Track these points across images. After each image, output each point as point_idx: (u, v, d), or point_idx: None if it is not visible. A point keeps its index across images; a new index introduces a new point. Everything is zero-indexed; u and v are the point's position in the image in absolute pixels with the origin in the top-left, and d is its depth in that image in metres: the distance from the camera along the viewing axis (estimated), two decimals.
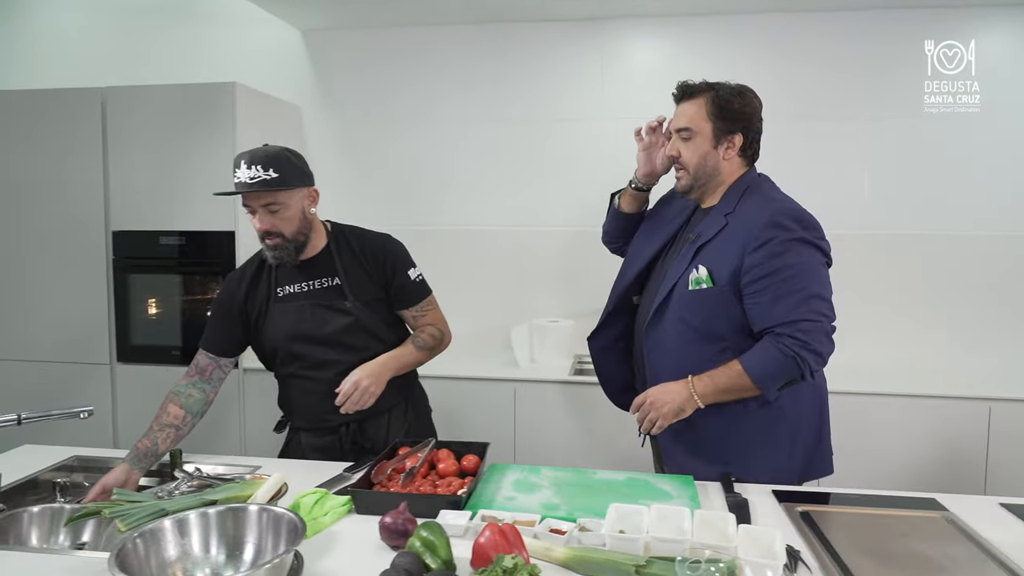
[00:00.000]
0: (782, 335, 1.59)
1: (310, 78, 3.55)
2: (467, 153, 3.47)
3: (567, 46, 3.36)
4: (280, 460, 1.90)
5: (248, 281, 1.92)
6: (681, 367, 1.70)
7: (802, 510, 1.52)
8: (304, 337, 1.87)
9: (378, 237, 2.01)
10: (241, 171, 1.74)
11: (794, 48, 3.22)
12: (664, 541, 1.25)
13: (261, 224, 1.79)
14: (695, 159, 1.74)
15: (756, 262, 1.61)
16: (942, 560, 1.31)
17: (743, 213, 1.68)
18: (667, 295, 1.73)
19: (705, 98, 1.73)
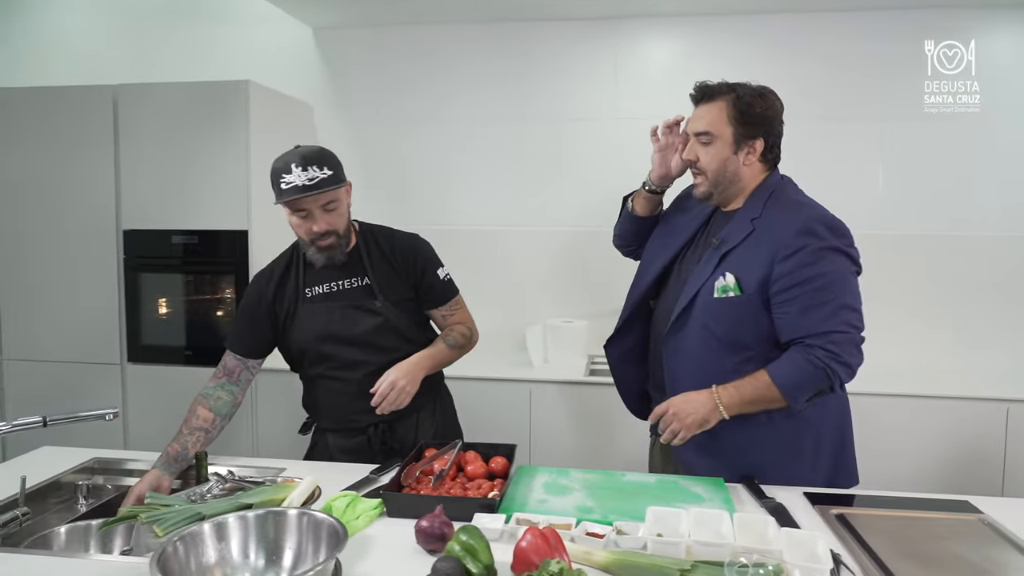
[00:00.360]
0: (812, 346, 1.55)
1: (322, 76, 3.54)
2: (477, 152, 3.46)
3: (580, 45, 3.35)
4: (305, 462, 1.88)
5: (276, 281, 1.90)
6: (702, 375, 1.64)
7: (836, 512, 1.51)
8: (334, 338, 1.86)
9: (407, 237, 2.00)
10: (295, 175, 1.72)
11: (807, 48, 3.20)
12: (706, 545, 1.24)
13: (320, 225, 1.77)
14: (714, 165, 1.67)
15: (786, 271, 1.56)
16: (984, 563, 1.30)
17: (771, 218, 1.63)
18: (689, 301, 1.67)
19: (726, 100, 1.66)
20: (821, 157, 3.21)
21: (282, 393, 3.05)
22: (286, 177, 1.73)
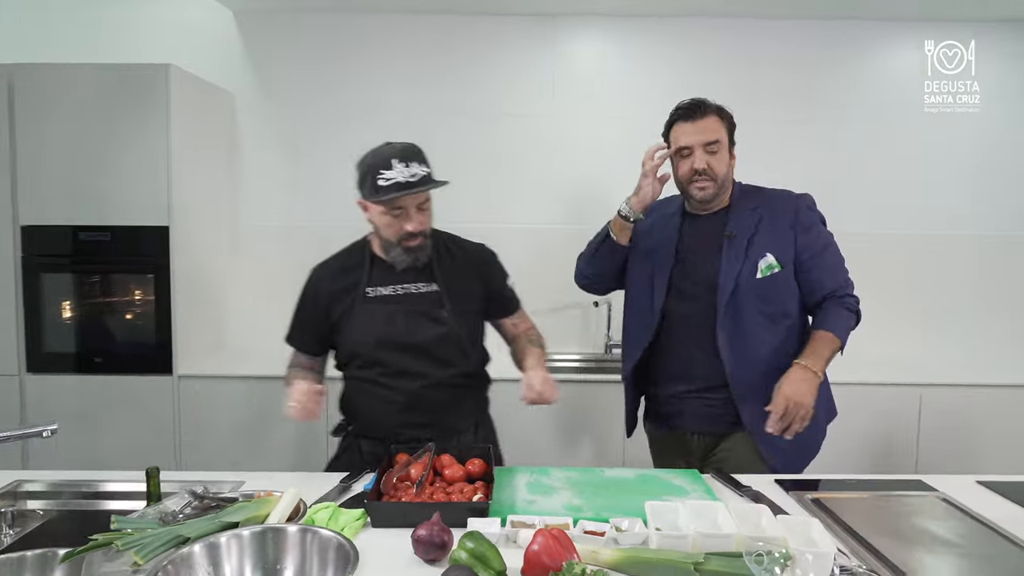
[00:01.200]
0: (843, 296, 1.84)
1: (243, 63, 3.33)
2: None
3: (517, 41, 3.33)
4: (263, 473, 1.74)
5: (338, 276, 1.80)
6: (757, 353, 1.82)
7: (811, 497, 1.57)
8: (391, 343, 1.75)
9: (478, 246, 1.94)
10: (396, 170, 1.62)
11: (739, 50, 3.33)
12: (711, 537, 1.25)
13: (413, 224, 1.69)
14: (723, 169, 1.85)
15: (809, 241, 1.84)
16: (954, 538, 1.39)
17: (768, 204, 1.89)
18: (731, 292, 1.82)
19: (718, 114, 1.86)
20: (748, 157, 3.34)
21: (206, 400, 2.86)
22: (385, 173, 1.62)
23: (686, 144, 1.84)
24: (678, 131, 1.86)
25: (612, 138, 3.31)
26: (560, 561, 1.16)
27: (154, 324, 2.84)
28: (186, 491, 1.31)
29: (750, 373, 1.82)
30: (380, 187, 1.63)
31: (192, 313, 2.96)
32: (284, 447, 2.87)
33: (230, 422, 2.88)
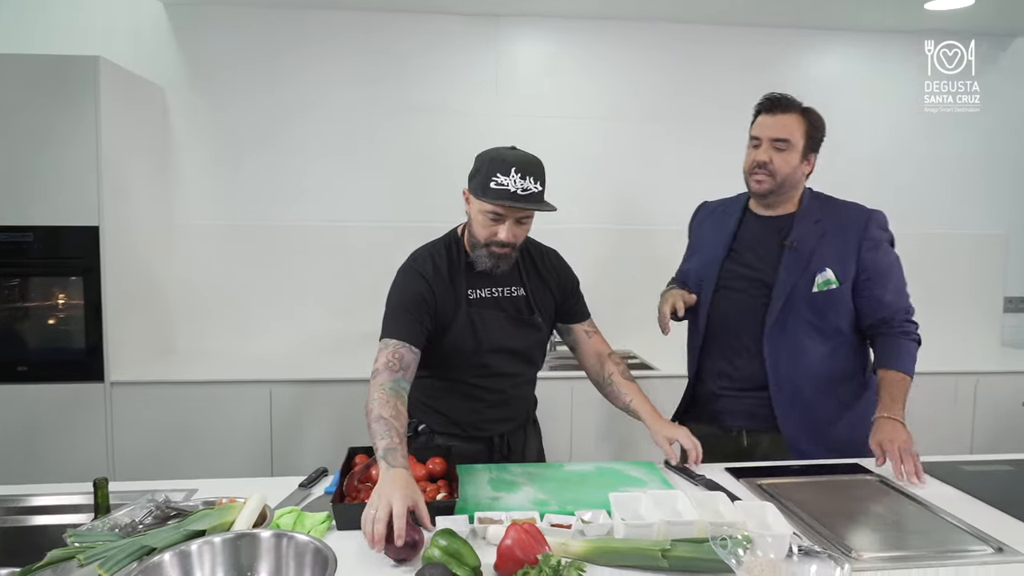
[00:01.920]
0: (903, 322, 1.83)
1: (174, 57, 3.20)
2: (353, 145, 3.32)
3: (460, 39, 3.33)
4: (218, 480, 1.69)
5: (444, 275, 1.76)
6: (804, 364, 1.85)
7: (760, 483, 1.64)
8: (499, 348, 1.78)
9: (552, 250, 1.95)
10: (511, 179, 1.60)
11: (680, 54, 3.44)
12: (675, 524, 1.30)
13: (507, 235, 1.66)
14: (786, 169, 1.84)
15: (872, 260, 1.83)
16: (889, 514, 1.49)
17: (835, 217, 1.87)
18: (785, 301, 1.83)
19: (800, 115, 1.84)
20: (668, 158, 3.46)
21: (140, 406, 2.75)
22: (501, 178, 1.60)
23: (756, 135, 1.87)
24: (757, 121, 1.89)
25: (555, 137, 3.37)
26: (532, 554, 1.18)
27: (83, 329, 2.70)
28: (146, 500, 1.26)
29: (793, 382, 1.86)
30: (490, 189, 1.62)
31: (126, 317, 2.83)
32: (229, 453, 2.79)
33: (168, 429, 2.77)
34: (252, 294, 3.30)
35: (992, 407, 3.12)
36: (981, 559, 1.29)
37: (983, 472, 1.76)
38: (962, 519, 1.45)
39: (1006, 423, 3.11)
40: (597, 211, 3.43)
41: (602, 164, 3.43)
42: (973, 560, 1.28)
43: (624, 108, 3.44)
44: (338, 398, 2.86)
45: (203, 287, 3.26)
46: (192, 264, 3.25)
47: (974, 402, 3.11)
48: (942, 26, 3.43)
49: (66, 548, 1.04)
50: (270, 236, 3.31)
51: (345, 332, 3.35)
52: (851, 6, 3.19)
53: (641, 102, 3.45)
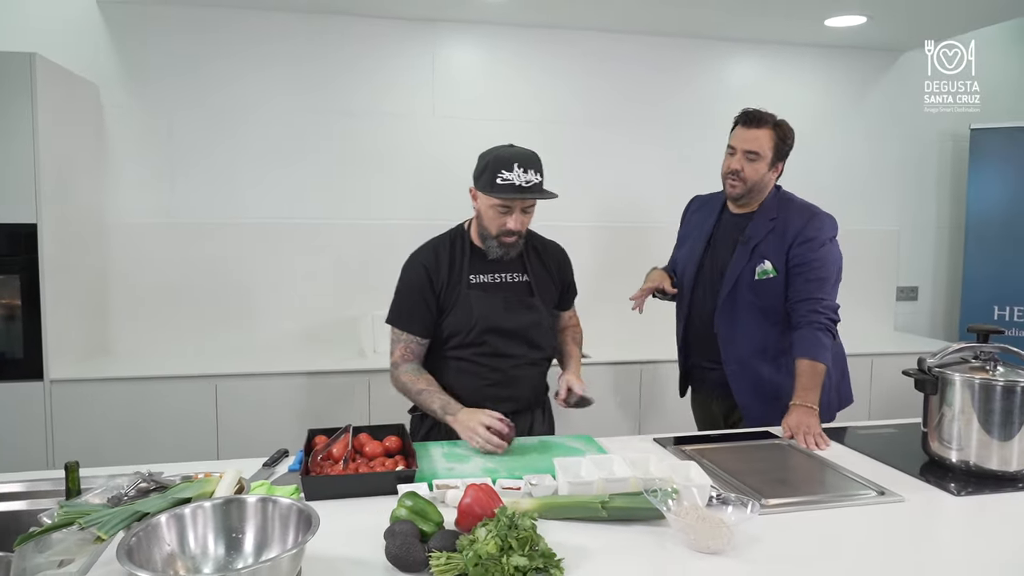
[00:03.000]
0: (816, 312, 2.04)
1: (108, 54, 3.18)
2: (292, 146, 3.38)
3: (398, 44, 3.44)
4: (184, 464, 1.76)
5: (445, 263, 1.94)
6: (749, 339, 2.16)
7: (684, 449, 1.85)
8: (496, 328, 1.93)
9: (555, 243, 2.15)
10: (515, 173, 1.80)
11: (615, 62, 3.66)
12: (612, 481, 1.47)
13: (515, 224, 1.86)
14: (755, 177, 2.12)
15: (799, 253, 2.09)
16: (800, 473, 1.73)
17: (786, 217, 2.14)
18: (732, 286, 2.14)
19: (771, 130, 2.10)
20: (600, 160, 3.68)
21: (79, 405, 2.74)
22: (505, 173, 1.80)
23: (732, 144, 2.14)
24: (734, 132, 2.15)
25: (492, 140, 3.50)
26: (489, 509, 1.32)
27: (21, 327, 2.68)
28: (135, 473, 1.35)
29: (740, 354, 2.17)
30: (497, 184, 1.81)
31: (64, 315, 2.82)
32: (174, 448, 2.81)
33: (110, 427, 2.78)
34: (194, 292, 3.31)
35: (886, 383, 3.47)
36: (866, 501, 1.53)
37: (872, 435, 2.03)
38: (852, 471, 1.69)
39: (898, 396, 3.47)
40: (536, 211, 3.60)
41: None
42: (860, 502, 1.52)
43: (559, 111, 3.62)
44: (286, 391, 2.93)
45: (142, 285, 3.26)
46: (130, 262, 3.24)
47: (871, 379, 3.46)
48: (841, 41, 3.77)
49: (65, 514, 1.12)
50: (206, 234, 3.32)
51: (288, 327, 3.41)
52: (763, 21, 3.48)
53: (575, 106, 3.64)
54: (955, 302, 4.17)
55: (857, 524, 1.42)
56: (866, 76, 3.96)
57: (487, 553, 1.15)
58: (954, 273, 4.19)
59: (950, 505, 1.55)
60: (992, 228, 3.88)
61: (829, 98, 3.93)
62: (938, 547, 1.41)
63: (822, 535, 1.37)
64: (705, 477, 1.48)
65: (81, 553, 1.22)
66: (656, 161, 3.75)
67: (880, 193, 4.06)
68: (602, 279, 3.70)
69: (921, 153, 4.10)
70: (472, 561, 1.15)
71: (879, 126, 3.98)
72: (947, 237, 4.20)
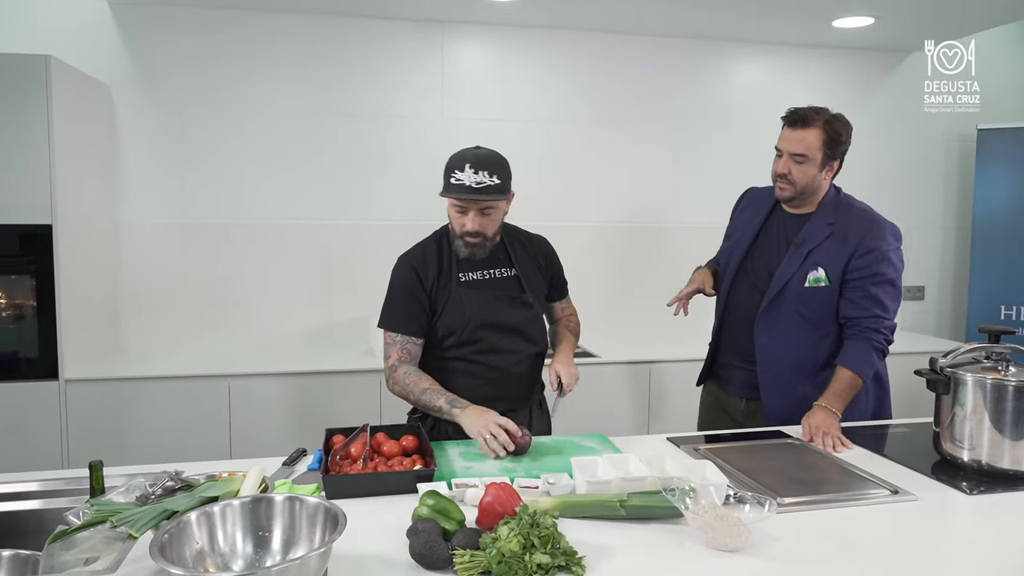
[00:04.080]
0: (871, 329, 1.99)
1: (121, 56, 3.21)
2: (302, 147, 3.41)
3: (406, 45, 3.45)
4: (200, 462, 1.78)
5: (433, 263, 1.95)
6: (790, 348, 2.08)
7: (698, 448, 1.86)
8: (489, 324, 1.94)
9: (541, 237, 2.16)
10: (466, 174, 1.81)
11: (627, 63, 3.68)
12: (629, 480, 1.49)
13: (471, 225, 1.87)
14: (804, 180, 2.03)
15: (860, 266, 2.01)
16: (814, 472, 1.73)
17: (846, 223, 2.04)
18: (779, 291, 2.06)
19: (819, 129, 1.99)
20: (611, 160, 3.70)
21: (93, 404, 2.77)
22: (457, 174, 1.82)
23: (779, 147, 2.06)
24: (781, 134, 2.06)
25: (501, 140, 3.51)
26: (510, 508, 1.34)
27: (36, 328, 2.70)
28: (163, 472, 1.37)
29: (777, 365, 2.09)
30: (450, 184, 1.84)
31: (79, 315, 2.84)
32: (187, 449, 2.84)
33: (125, 426, 2.80)
34: (205, 292, 3.34)
35: (895, 382, 3.46)
36: (880, 500, 1.54)
37: (884, 434, 2.04)
38: (865, 470, 1.71)
39: (904, 395, 3.47)
40: (542, 212, 3.61)
41: (546, 165, 3.62)
42: (874, 501, 1.54)
43: (566, 112, 3.64)
44: (297, 391, 2.95)
45: (156, 285, 3.28)
46: (144, 262, 3.27)
47: None
48: (847, 42, 3.79)
49: (97, 512, 1.14)
50: (219, 234, 3.35)
51: (297, 327, 3.43)
52: (771, 22, 3.49)
53: (582, 106, 3.66)
54: (962, 302, 4.18)
55: (872, 523, 1.44)
56: (872, 77, 3.97)
57: (510, 551, 1.17)
58: (961, 273, 4.20)
59: (963, 504, 1.57)
60: (999, 228, 3.89)
61: (835, 99, 3.89)
62: (952, 546, 1.42)
63: (838, 533, 1.39)
64: (721, 476, 1.50)
65: (107, 551, 1.24)
66: (663, 161, 3.77)
67: (886, 193, 4.04)
68: (610, 279, 3.73)
69: (927, 153, 4.11)
70: (496, 559, 1.16)
71: (885, 126, 3.99)
72: (954, 237, 4.21)
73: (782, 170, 2.05)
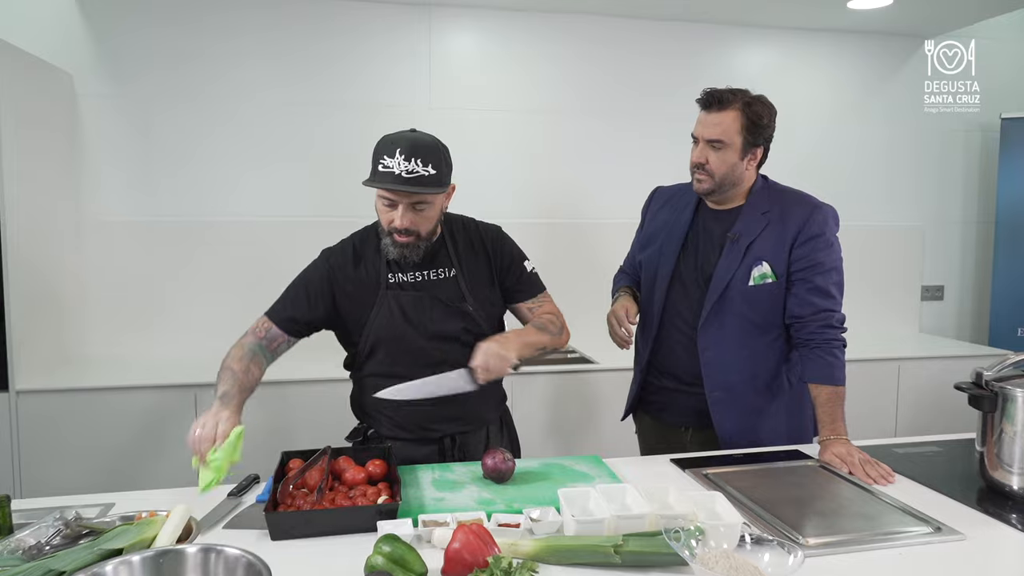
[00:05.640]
0: (823, 328, 1.76)
1: (85, 42, 2.98)
2: (280, 140, 3.18)
3: (392, 31, 3.23)
4: (138, 492, 1.56)
5: (352, 261, 1.71)
6: (739, 360, 1.83)
7: (706, 473, 1.64)
8: (421, 332, 1.68)
9: (492, 228, 1.85)
10: (396, 161, 1.55)
11: (619, 47, 3.44)
12: (626, 518, 1.27)
13: (400, 222, 1.60)
14: (723, 169, 1.79)
15: (803, 255, 1.78)
16: (840, 501, 1.50)
17: (781, 209, 1.81)
18: (720, 295, 1.80)
19: (737, 110, 1.76)
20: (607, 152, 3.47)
21: (48, 417, 2.55)
22: (386, 160, 1.56)
23: (694, 133, 1.82)
24: (697, 118, 1.82)
25: (491, 130, 3.32)
26: (481, 557, 1.13)
27: None
28: (54, 518, 1.14)
29: (726, 377, 1.84)
30: (377, 172, 1.58)
31: (32, 320, 2.62)
32: (151, 465, 2.62)
33: (82, 441, 2.58)
34: (171, 294, 3.11)
35: (914, 390, 3.25)
36: (920, 539, 1.31)
37: (914, 454, 1.81)
38: (898, 499, 1.48)
39: (927, 405, 3.25)
40: (534, 205, 3.40)
41: (539, 157, 3.40)
42: (915, 540, 1.30)
43: (561, 101, 3.42)
44: (271, 401, 2.73)
45: (117, 287, 3.06)
46: (105, 262, 3.04)
47: (897, 386, 3.24)
48: (862, 26, 3.56)
49: None
50: (190, 233, 3.13)
51: None
52: (782, 5, 3.26)
53: (578, 96, 3.44)
54: (984, 302, 3.94)
55: (914, 569, 1.21)
56: (886, 63, 3.73)
57: None
58: (983, 271, 3.96)
59: (1015, 543, 1.34)
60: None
61: (849, 87, 3.70)
62: None
63: None
64: (735, 513, 1.27)
65: None
66: (666, 155, 3.53)
67: (903, 187, 3.84)
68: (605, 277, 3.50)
69: (947, 144, 3.87)
70: None
71: (902, 116, 3.75)
72: (974, 233, 3.97)
73: (698, 159, 1.81)
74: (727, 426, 1.86)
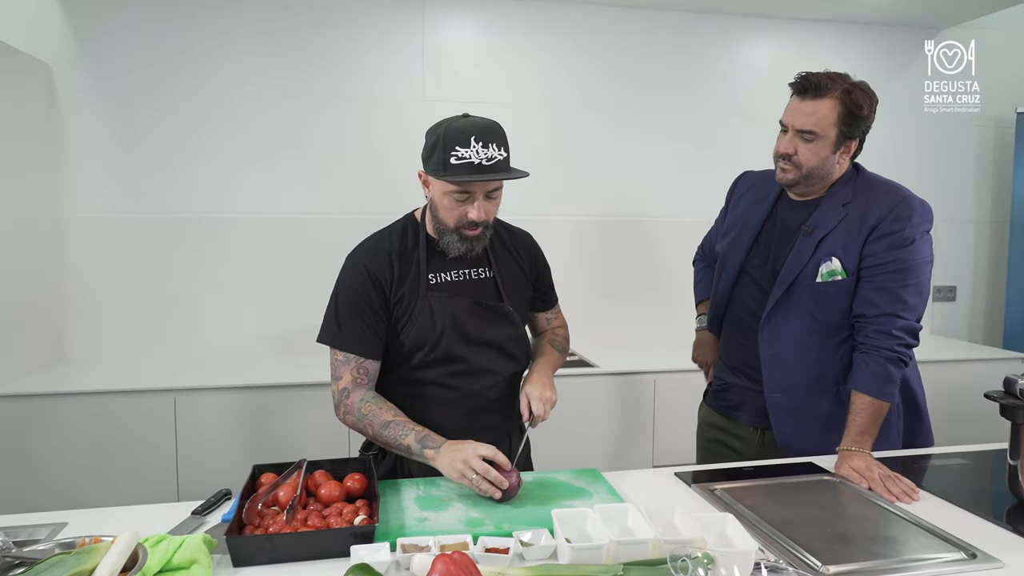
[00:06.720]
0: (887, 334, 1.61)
1: (64, 31, 2.86)
2: (267, 134, 3.06)
3: (385, 22, 3.11)
4: (94, 510, 1.44)
5: (394, 262, 1.56)
6: (803, 361, 1.71)
7: (714, 488, 1.51)
8: (465, 336, 1.56)
9: (524, 232, 1.77)
10: (472, 150, 1.41)
11: (619, 38, 3.32)
12: (627, 544, 1.14)
13: (477, 213, 1.47)
14: (813, 162, 1.66)
15: (876, 250, 1.63)
16: (863, 522, 1.37)
17: (863, 201, 1.67)
18: (787, 289, 1.69)
19: (835, 99, 1.62)
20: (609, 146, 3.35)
21: (24, 423, 2.43)
22: (461, 151, 1.41)
23: (784, 121, 1.69)
24: (788, 104, 1.69)
25: None
26: None
27: None
28: None
29: (788, 382, 1.73)
30: (452, 165, 1.43)
31: (6, 321, 2.50)
32: (128, 474, 2.50)
33: (56, 448, 2.46)
34: (151, 295, 2.99)
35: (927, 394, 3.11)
36: (953, 567, 1.18)
37: (938, 467, 1.68)
38: (927, 520, 1.35)
39: (940, 410, 3.10)
40: (533, 202, 3.27)
41: (539, 152, 3.27)
42: (948, 569, 1.17)
43: (561, 95, 3.29)
44: (253, 406, 2.60)
45: (96, 287, 2.94)
46: (84, 262, 2.92)
47: None
48: (873, 17, 3.43)
49: None
50: (174, 231, 3.01)
51: (258, 335, 3.09)
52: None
53: (579, 89, 3.31)
54: (998, 303, 3.81)
55: None
56: (898, 56, 3.60)
57: None
58: (997, 271, 3.82)
59: None
60: None
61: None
62: None
63: None
64: (748, 539, 1.14)
65: None
66: (668, 150, 3.42)
67: (912, 185, 3.63)
68: (605, 277, 3.38)
69: (958, 139, 3.73)
70: None
71: (911, 111, 3.61)
72: (988, 231, 3.83)
73: (786, 149, 1.67)
74: (787, 431, 1.76)
